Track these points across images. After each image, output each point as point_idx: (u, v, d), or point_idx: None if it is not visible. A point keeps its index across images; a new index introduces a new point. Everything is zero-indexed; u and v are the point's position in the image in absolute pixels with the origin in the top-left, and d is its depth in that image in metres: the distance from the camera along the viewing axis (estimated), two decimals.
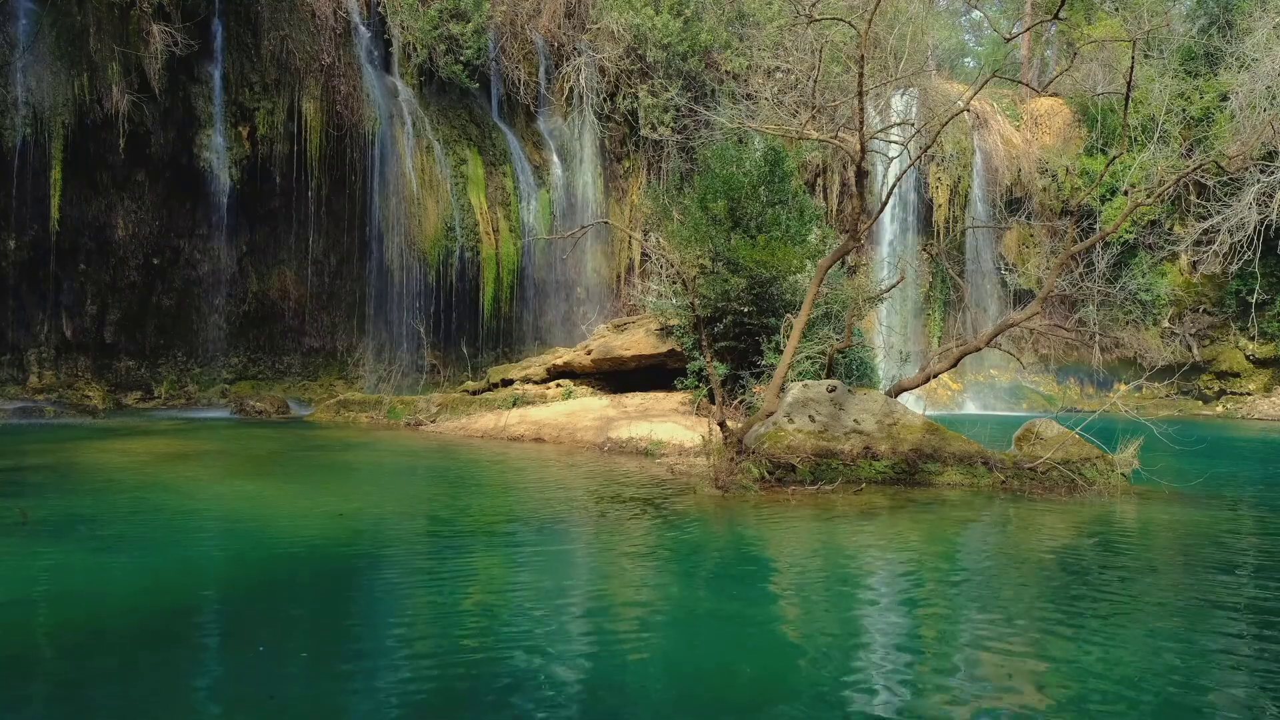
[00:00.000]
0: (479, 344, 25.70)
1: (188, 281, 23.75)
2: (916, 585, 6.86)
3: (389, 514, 9.51)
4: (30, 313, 21.99)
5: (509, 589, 6.50)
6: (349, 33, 24.16)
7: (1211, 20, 29.24)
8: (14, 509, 8.58)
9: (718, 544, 8.22)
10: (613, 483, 11.50)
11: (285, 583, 6.60)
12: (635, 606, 6.06)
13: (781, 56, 27.24)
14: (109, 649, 5.09)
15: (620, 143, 28.21)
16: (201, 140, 22.46)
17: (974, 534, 8.92)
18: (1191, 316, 29.84)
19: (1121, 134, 19.46)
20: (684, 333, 17.72)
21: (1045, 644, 5.30)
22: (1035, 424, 12.19)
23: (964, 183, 30.50)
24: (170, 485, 10.67)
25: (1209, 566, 7.47)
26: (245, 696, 4.43)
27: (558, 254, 26.51)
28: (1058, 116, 31.71)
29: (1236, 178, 25.99)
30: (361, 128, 23.85)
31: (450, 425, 18.50)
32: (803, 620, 5.89)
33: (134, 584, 6.35)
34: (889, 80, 23.95)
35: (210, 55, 22.40)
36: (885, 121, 26.42)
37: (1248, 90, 26.56)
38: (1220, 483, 12.33)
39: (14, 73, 20.11)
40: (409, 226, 24.40)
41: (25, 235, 21.09)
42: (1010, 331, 18.09)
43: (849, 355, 15.83)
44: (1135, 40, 13.86)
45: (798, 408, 11.84)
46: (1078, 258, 21.97)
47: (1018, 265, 30.57)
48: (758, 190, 17.58)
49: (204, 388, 24.01)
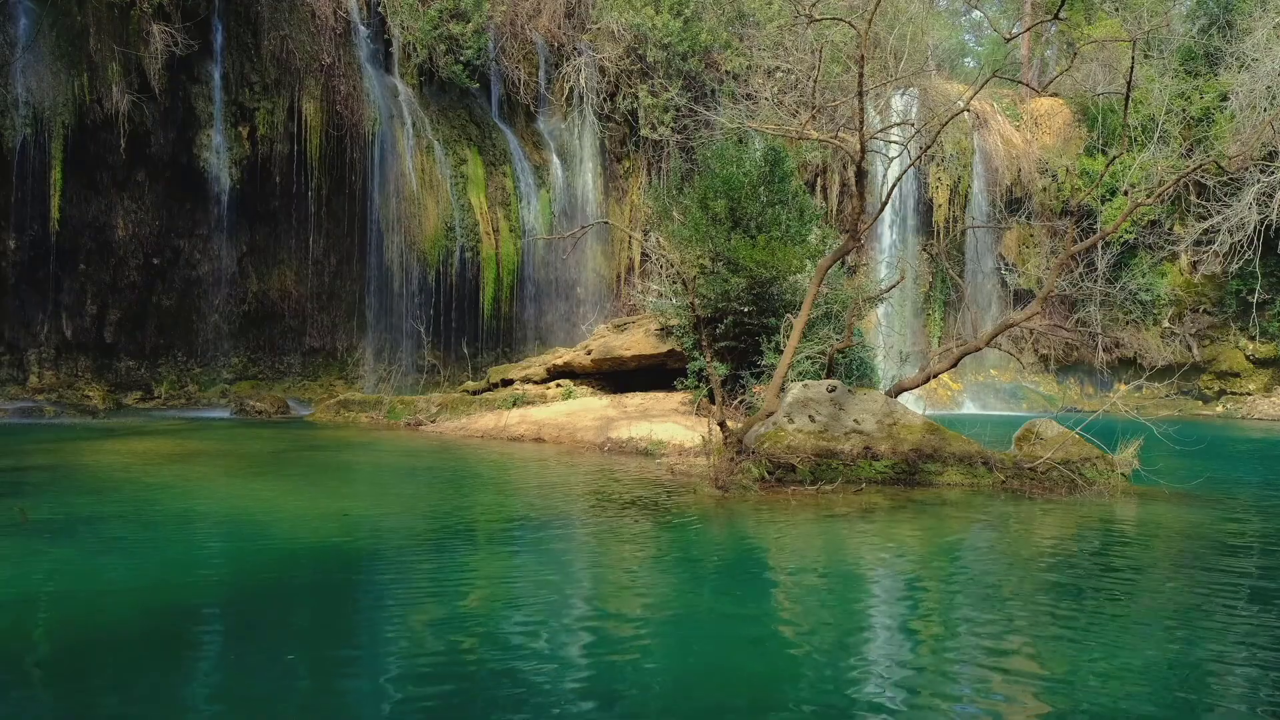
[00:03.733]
0: (479, 344, 25.71)
1: (188, 281, 23.76)
2: (916, 585, 6.85)
3: (389, 514, 9.51)
4: (30, 313, 22.00)
5: (509, 589, 6.50)
6: (349, 33, 24.17)
7: (1211, 20, 29.24)
8: (14, 509, 8.58)
9: (718, 544, 8.22)
10: (613, 483, 11.50)
11: (285, 583, 6.60)
12: (635, 606, 6.06)
13: (781, 56, 27.25)
14: (109, 649, 5.09)
15: (620, 143, 28.22)
16: (201, 140, 22.48)
17: (974, 534, 8.92)
18: (1191, 316, 29.84)
19: (1121, 134, 19.46)
20: (684, 333, 17.71)
21: (1045, 644, 5.30)
22: (1035, 424, 12.18)
23: (964, 183, 30.51)
24: (170, 485, 10.67)
25: (1209, 567, 7.46)
26: (245, 696, 4.43)
27: (558, 254, 26.51)
28: (1058, 116, 31.71)
29: (1236, 178, 25.99)
30: (361, 128, 23.86)
31: (450, 425, 18.50)
32: (803, 620, 5.89)
33: (134, 584, 6.35)
34: (889, 80, 23.97)
35: (210, 55, 22.41)
36: (885, 121, 26.43)
37: (1248, 90, 26.57)
38: (1220, 483, 12.33)
39: (14, 73, 20.12)
40: (409, 226, 24.40)
41: (25, 235, 21.11)
42: (1010, 331, 18.11)
43: (849, 355, 15.83)
44: (1135, 40, 13.85)
45: (798, 408, 11.84)
46: (1078, 258, 21.99)
47: (1018, 265, 30.58)
48: (758, 190, 17.58)
49: (204, 388, 24.02)
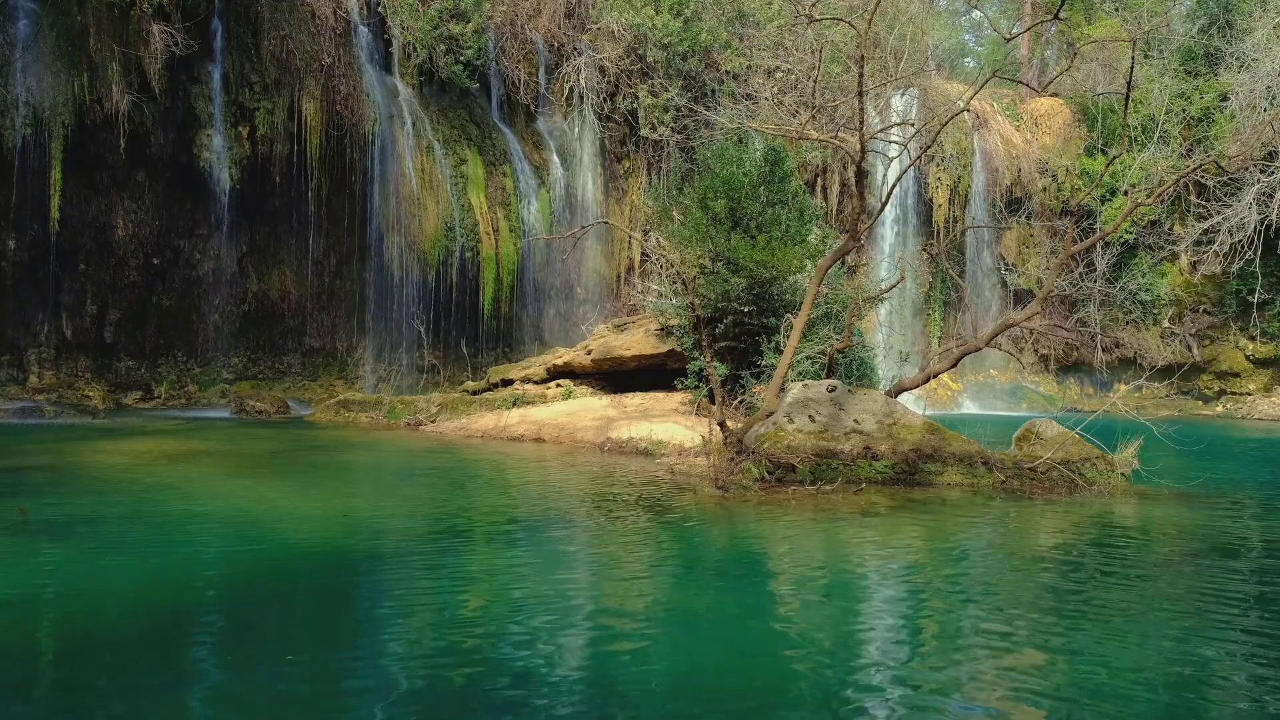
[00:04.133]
0: (479, 344, 25.71)
1: (188, 281, 23.76)
2: (916, 585, 6.86)
3: (389, 514, 9.51)
4: (30, 313, 21.99)
5: (509, 588, 6.50)
6: (349, 33, 24.16)
7: (1211, 20, 29.23)
8: (14, 509, 8.58)
9: (718, 544, 8.22)
10: (613, 483, 11.50)
11: (285, 583, 6.60)
12: (635, 606, 6.06)
13: (781, 56, 27.24)
14: (109, 649, 5.09)
15: (620, 143, 28.22)
16: (201, 140, 22.48)
17: (974, 534, 8.92)
18: (1191, 316, 29.83)
19: (1121, 134, 19.46)
20: (684, 333, 17.71)
21: (1045, 644, 5.30)
22: (1035, 424, 12.18)
23: (964, 183, 30.50)
24: (170, 485, 10.67)
25: (1209, 566, 7.46)
26: (245, 696, 4.43)
27: (557, 254, 26.50)
28: (1058, 116, 31.69)
29: (1236, 178, 25.98)
30: (361, 128, 23.85)
31: (450, 425, 18.50)
32: (803, 620, 5.89)
33: (134, 584, 6.35)
34: (889, 80, 23.98)
35: (210, 55, 22.41)
36: (885, 121, 26.42)
37: (1248, 90, 26.56)
38: (1220, 483, 12.33)
39: (14, 73, 20.11)
40: (409, 226, 24.40)
41: (25, 235, 21.11)
42: (1010, 331, 18.11)
43: (849, 355, 15.83)
44: (1135, 40, 13.86)
45: (798, 408, 11.84)
46: (1078, 258, 21.97)
47: (1018, 265, 30.57)
48: (758, 190, 17.58)
49: (204, 388, 24.01)
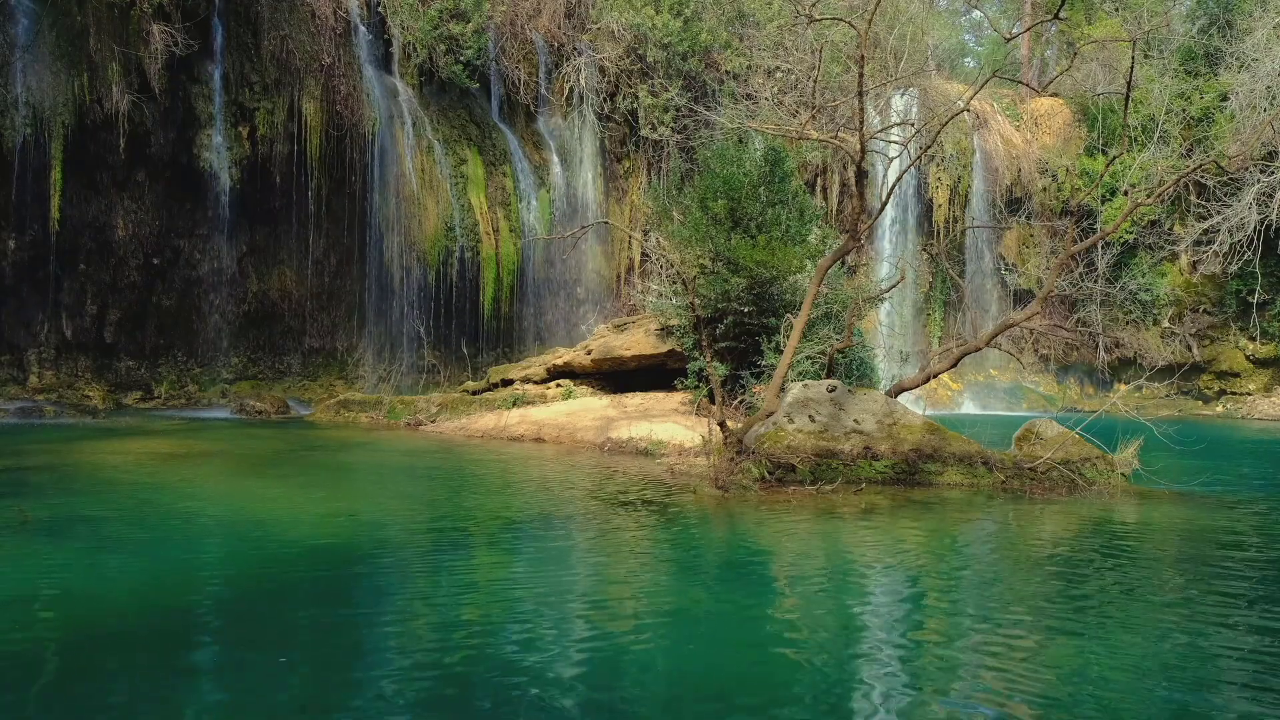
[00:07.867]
0: (479, 344, 25.71)
1: (188, 281, 23.76)
2: (916, 585, 6.86)
3: (389, 514, 9.51)
4: (30, 313, 22.00)
5: (509, 588, 6.50)
6: (349, 33, 24.16)
7: (1211, 20, 29.22)
8: (14, 509, 8.58)
9: (718, 544, 8.22)
10: (613, 483, 11.50)
11: (285, 583, 6.59)
12: (635, 606, 6.06)
13: (781, 56, 27.24)
14: (109, 649, 5.09)
15: (620, 143, 28.22)
16: (201, 140, 22.48)
17: (974, 534, 8.92)
18: (1191, 316, 29.82)
19: (1121, 134, 19.47)
20: (684, 333, 17.71)
21: (1045, 644, 5.30)
22: (1035, 424, 12.18)
23: (964, 183, 30.50)
24: (170, 485, 10.67)
25: (1209, 566, 7.46)
26: (245, 696, 4.43)
27: (558, 254, 26.51)
28: (1058, 116, 31.69)
29: (1236, 178, 25.98)
30: (361, 128, 23.85)
31: (450, 425, 18.50)
32: (802, 620, 5.89)
33: (134, 584, 6.35)
34: (889, 80, 23.98)
35: (210, 55, 22.41)
36: (885, 121, 26.42)
37: (1248, 90, 26.55)
38: (1220, 483, 12.32)
39: (14, 73, 20.11)
40: (409, 226, 24.40)
41: (25, 235, 21.11)
42: (1010, 331, 18.10)
43: (849, 355, 15.83)
44: (1135, 40, 13.85)
45: (798, 408, 11.84)
46: (1078, 258, 21.99)
47: (1018, 265, 30.56)
48: (758, 190, 17.58)
49: (204, 388, 24.01)
